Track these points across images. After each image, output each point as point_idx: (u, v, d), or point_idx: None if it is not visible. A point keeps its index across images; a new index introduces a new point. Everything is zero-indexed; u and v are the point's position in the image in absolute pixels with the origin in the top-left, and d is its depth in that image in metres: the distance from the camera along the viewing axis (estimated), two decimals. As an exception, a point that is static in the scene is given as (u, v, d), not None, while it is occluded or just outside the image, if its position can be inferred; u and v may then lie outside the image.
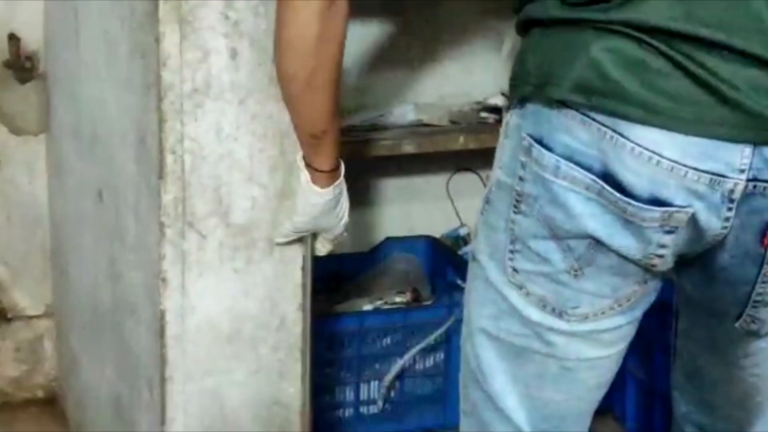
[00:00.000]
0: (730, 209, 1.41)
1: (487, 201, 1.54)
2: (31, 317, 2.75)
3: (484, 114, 2.83)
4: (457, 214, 3.01)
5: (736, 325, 1.54)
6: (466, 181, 3.00)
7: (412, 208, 2.99)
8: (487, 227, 1.54)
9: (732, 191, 1.40)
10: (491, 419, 1.59)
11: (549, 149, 1.43)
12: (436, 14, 2.85)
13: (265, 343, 1.98)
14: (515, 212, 1.48)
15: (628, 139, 1.38)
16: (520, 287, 1.50)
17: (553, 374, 1.54)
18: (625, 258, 1.45)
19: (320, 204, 1.84)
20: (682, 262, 1.51)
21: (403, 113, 2.83)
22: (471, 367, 1.59)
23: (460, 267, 2.93)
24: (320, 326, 2.61)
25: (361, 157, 2.71)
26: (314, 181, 1.82)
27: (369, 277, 2.91)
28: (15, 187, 2.68)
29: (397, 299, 2.86)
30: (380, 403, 2.67)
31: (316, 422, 2.17)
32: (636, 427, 2.70)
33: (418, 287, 2.87)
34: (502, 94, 2.79)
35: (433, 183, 2.98)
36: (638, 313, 1.54)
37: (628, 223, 1.42)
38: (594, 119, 1.40)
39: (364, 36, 2.80)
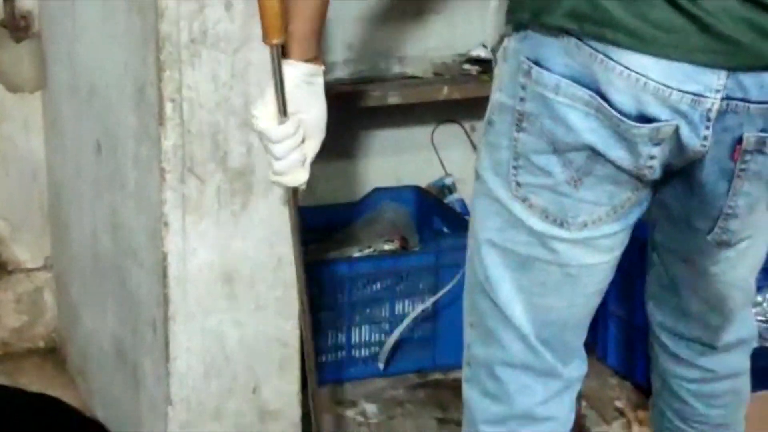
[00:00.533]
0: (707, 128, 1.54)
1: (489, 122, 1.64)
2: (30, 270, 2.82)
3: (466, 66, 2.92)
4: (442, 163, 3.10)
5: (709, 237, 1.67)
6: (449, 132, 3.08)
7: (399, 159, 3.08)
8: (489, 146, 1.64)
9: (709, 110, 1.53)
10: (496, 327, 1.69)
11: (548, 70, 1.54)
12: (418, -30, 2.94)
13: (264, 282, 2.08)
14: (517, 130, 1.58)
15: (618, 63, 1.50)
16: (524, 200, 1.61)
17: (556, 281, 1.64)
18: (619, 168, 1.57)
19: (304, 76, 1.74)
20: (667, 174, 1.62)
21: (389, 66, 2.92)
22: (479, 278, 1.69)
23: (446, 215, 3.04)
24: (312, 272, 2.70)
25: (349, 108, 2.81)
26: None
27: (358, 227, 3.00)
28: (13, 144, 2.75)
29: (386, 247, 2.96)
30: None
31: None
32: (618, 364, 2.80)
33: (405, 235, 2.96)
34: (483, 45, 2.88)
35: (419, 134, 3.06)
36: (631, 221, 1.65)
37: (622, 137, 1.54)
38: (587, 44, 1.51)
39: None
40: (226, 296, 2.06)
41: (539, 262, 1.64)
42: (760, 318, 2.15)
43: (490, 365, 1.72)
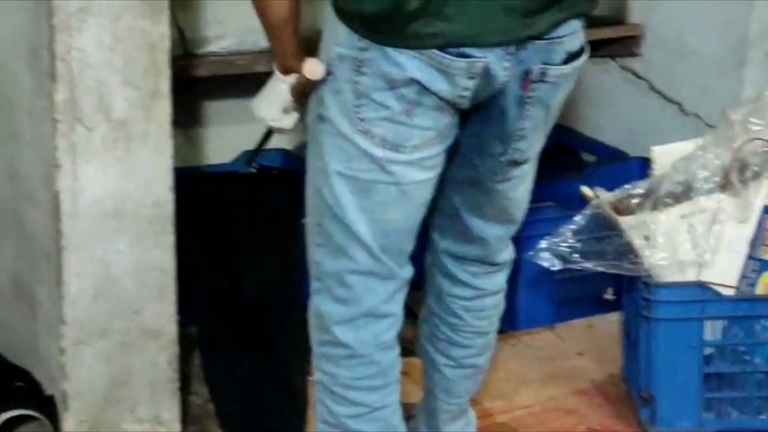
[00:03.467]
0: (507, 61, 1.96)
1: (329, 73, 2.01)
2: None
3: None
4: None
5: (502, 158, 2.08)
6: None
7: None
8: (333, 92, 2.01)
9: (508, 46, 1.95)
10: (346, 243, 2.06)
11: None
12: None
13: (144, 218, 2.41)
14: (358, 75, 1.96)
15: None
16: (366, 132, 1.98)
17: (394, 198, 2.02)
18: (441, 98, 1.96)
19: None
20: (473, 108, 2.02)
21: (256, 40, 3.25)
22: (329, 204, 2.05)
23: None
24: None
25: (220, 77, 3.15)
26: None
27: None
28: None
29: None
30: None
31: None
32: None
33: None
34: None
35: (284, 102, 3.40)
36: (446, 146, 2.04)
37: (443, 72, 1.93)
38: None
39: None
40: (111, 229, 2.38)
41: (380, 184, 2.01)
42: (563, 245, 2.55)
43: (340, 275, 2.08)
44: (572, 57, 2.02)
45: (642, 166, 3.24)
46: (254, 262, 2.77)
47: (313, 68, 2.04)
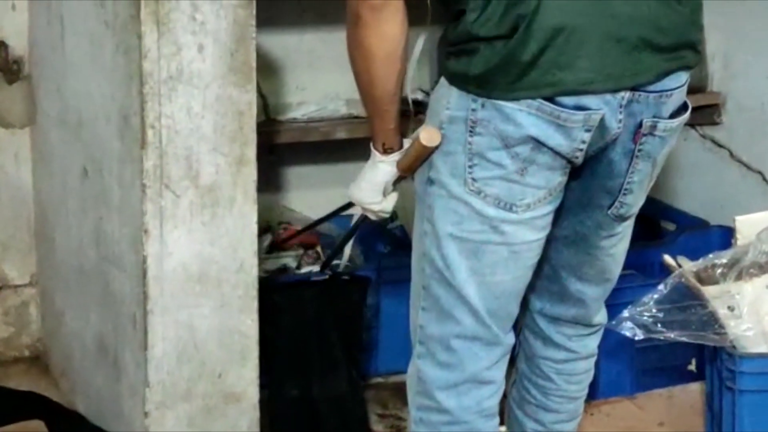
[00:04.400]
0: (620, 113, 1.96)
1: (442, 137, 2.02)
2: (17, 286, 3.16)
3: (404, 107, 3.30)
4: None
5: (609, 212, 2.08)
6: (392, 166, 3.46)
7: (346, 190, 3.44)
8: (444, 155, 2.02)
9: (623, 98, 1.96)
10: (452, 306, 2.06)
11: None
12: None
13: (228, 282, 2.44)
14: (471, 135, 1.97)
15: None
16: (479, 192, 1.99)
17: (505, 258, 2.02)
18: (557, 154, 1.96)
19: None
20: (582, 163, 2.02)
21: (337, 108, 3.30)
22: (438, 267, 2.05)
23: (387, 239, 3.42)
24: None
25: (301, 143, 3.19)
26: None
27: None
28: (4, 174, 3.10)
29: (335, 265, 3.32)
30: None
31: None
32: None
33: (352, 255, 3.32)
34: (421, 90, 3.27)
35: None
36: (555, 206, 2.04)
37: (560, 126, 1.94)
38: None
39: (303, 43, 3.29)
40: (196, 294, 2.41)
41: (490, 245, 2.02)
42: (646, 315, 2.53)
43: (445, 339, 2.08)
44: (677, 112, 2.05)
45: (723, 235, 3.23)
46: (325, 368, 2.82)
47: (430, 135, 2.04)
